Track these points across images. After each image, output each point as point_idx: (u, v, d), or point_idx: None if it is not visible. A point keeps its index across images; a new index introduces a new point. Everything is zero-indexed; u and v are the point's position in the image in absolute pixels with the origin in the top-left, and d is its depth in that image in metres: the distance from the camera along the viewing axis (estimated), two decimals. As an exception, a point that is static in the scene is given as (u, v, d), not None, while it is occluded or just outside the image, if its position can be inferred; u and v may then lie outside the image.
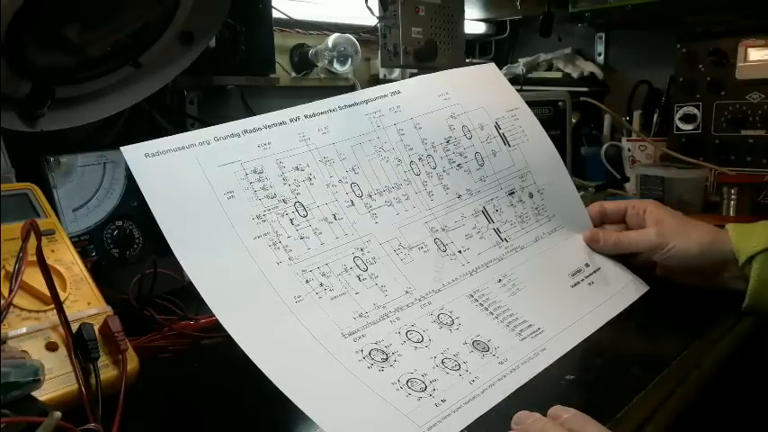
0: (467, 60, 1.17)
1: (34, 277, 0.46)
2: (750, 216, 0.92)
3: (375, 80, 1.24)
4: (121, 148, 0.49)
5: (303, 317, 0.47)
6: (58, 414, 0.34)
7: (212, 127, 0.53)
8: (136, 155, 0.49)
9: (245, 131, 0.54)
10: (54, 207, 0.61)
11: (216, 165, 0.51)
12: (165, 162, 0.50)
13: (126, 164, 0.65)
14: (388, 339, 0.49)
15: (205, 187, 0.50)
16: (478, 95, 0.71)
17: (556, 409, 0.43)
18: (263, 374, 0.42)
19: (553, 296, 0.60)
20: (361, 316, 0.50)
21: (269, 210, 0.52)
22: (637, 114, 1.26)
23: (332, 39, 1.08)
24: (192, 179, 0.50)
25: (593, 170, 1.26)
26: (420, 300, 0.53)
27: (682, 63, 1.16)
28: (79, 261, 0.52)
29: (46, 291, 0.45)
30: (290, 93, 1.10)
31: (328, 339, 0.46)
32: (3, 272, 0.47)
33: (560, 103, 1.00)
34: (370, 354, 0.47)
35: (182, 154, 0.51)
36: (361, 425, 0.42)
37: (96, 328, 0.47)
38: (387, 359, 0.47)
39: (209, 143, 0.52)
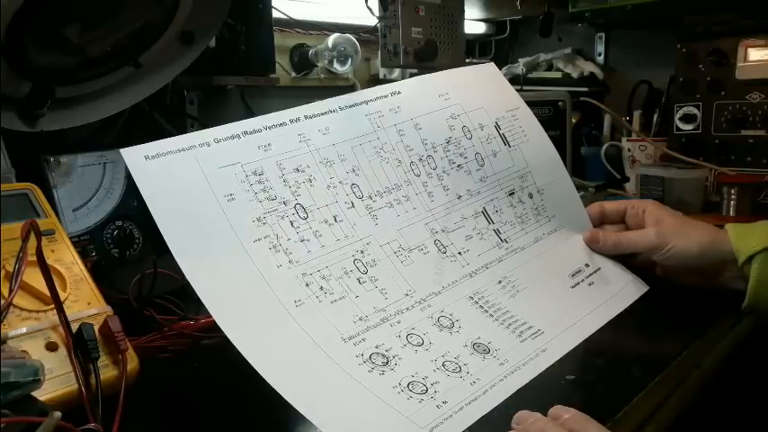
0: (467, 60, 1.16)
1: (34, 277, 0.46)
2: (750, 216, 0.92)
3: (375, 80, 1.24)
4: (121, 150, 0.49)
5: (303, 321, 0.47)
6: (57, 414, 0.34)
7: (212, 128, 0.53)
8: (135, 157, 0.49)
9: (245, 133, 0.54)
10: (54, 207, 0.61)
11: (216, 166, 0.51)
12: (165, 164, 0.50)
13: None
14: (389, 343, 0.48)
15: (205, 189, 0.50)
16: (478, 95, 0.71)
17: (556, 409, 0.43)
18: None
19: (553, 297, 0.60)
20: (361, 320, 0.50)
21: (269, 212, 0.52)
22: (637, 114, 1.26)
23: (332, 39, 1.08)
24: (191, 181, 0.50)
25: (593, 170, 1.26)
26: (420, 302, 0.53)
27: (682, 63, 1.16)
28: (79, 261, 0.52)
29: (46, 291, 0.45)
30: (290, 93, 1.10)
31: (328, 344, 0.46)
32: (3, 272, 0.47)
33: (560, 103, 1.00)
34: (370, 358, 0.47)
35: (181, 156, 0.50)
36: (362, 428, 0.42)
37: (96, 328, 0.47)
38: (387, 363, 0.47)
39: (208, 145, 0.52)
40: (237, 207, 0.50)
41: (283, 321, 0.46)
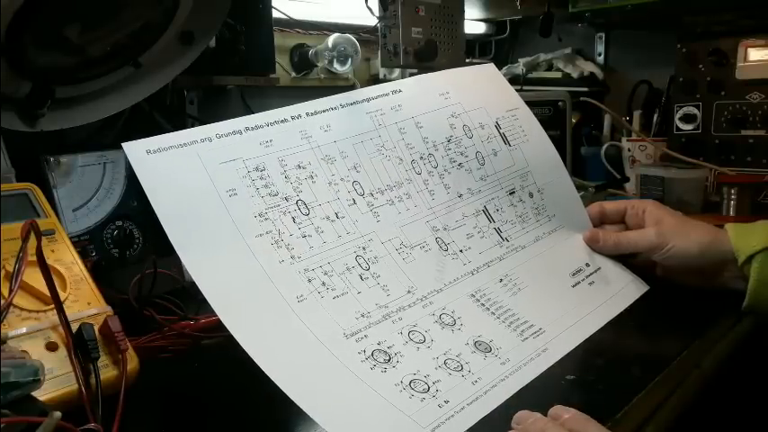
0: (467, 60, 1.16)
1: (34, 277, 0.46)
2: (750, 216, 0.92)
3: (375, 80, 1.23)
4: (123, 144, 0.49)
5: (305, 317, 0.47)
6: (57, 414, 0.34)
7: (214, 124, 0.53)
8: (137, 151, 0.49)
9: (247, 129, 0.54)
10: (54, 207, 0.61)
11: (218, 162, 0.51)
12: (167, 159, 0.50)
13: (126, 164, 0.65)
14: (391, 340, 0.48)
15: (207, 184, 0.50)
16: (479, 95, 0.71)
17: (556, 409, 0.43)
18: (263, 374, 0.42)
19: (554, 296, 0.60)
20: (363, 316, 0.50)
21: (271, 208, 0.52)
22: (637, 114, 1.26)
23: (332, 39, 1.08)
24: (193, 176, 0.50)
25: (593, 170, 1.26)
26: (422, 299, 0.53)
27: (682, 63, 1.16)
28: (79, 261, 0.52)
29: (46, 291, 0.45)
30: (290, 93, 1.10)
31: (330, 340, 0.46)
32: (3, 272, 0.47)
33: (560, 103, 1.00)
34: (372, 355, 0.47)
35: (183, 151, 0.50)
36: (364, 426, 0.42)
37: (96, 328, 0.47)
38: (389, 360, 0.47)
39: (210, 140, 0.52)
40: (239, 202, 0.50)
41: (286, 317, 0.46)
